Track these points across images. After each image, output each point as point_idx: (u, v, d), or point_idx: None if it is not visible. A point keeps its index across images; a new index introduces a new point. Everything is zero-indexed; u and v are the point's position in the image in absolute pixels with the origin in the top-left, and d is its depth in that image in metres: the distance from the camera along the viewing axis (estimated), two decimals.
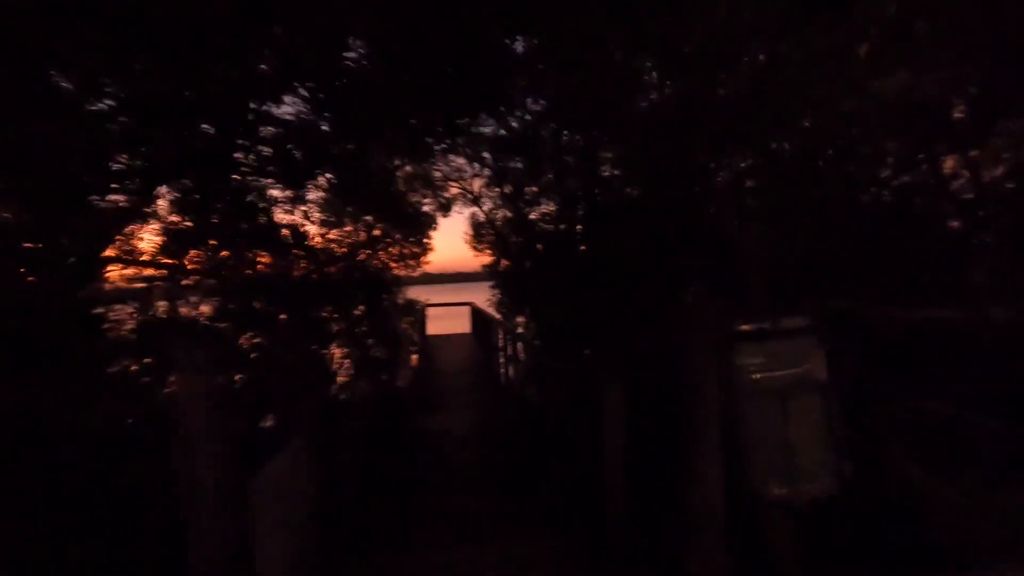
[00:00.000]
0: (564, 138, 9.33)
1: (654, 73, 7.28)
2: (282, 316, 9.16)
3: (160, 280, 9.49)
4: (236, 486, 2.08)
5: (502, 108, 9.61)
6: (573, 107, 8.91)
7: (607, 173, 8.19)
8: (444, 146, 10.31)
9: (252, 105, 7.34)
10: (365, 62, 7.87)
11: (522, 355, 6.26)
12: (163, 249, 9.61)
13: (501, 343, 6.87)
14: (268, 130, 8.05)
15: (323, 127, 7.95)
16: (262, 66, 6.45)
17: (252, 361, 7.76)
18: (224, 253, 9.82)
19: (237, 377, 7.81)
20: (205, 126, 7.55)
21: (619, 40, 6.02)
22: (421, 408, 5.71)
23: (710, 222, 4.49)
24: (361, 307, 9.00)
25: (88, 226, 6.72)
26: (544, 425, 4.07)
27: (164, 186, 9.02)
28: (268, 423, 5.77)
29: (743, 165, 5.60)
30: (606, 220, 6.14)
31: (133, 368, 7.92)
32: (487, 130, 10.13)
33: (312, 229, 9.20)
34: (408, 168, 10.13)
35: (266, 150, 7.94)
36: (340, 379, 8.17)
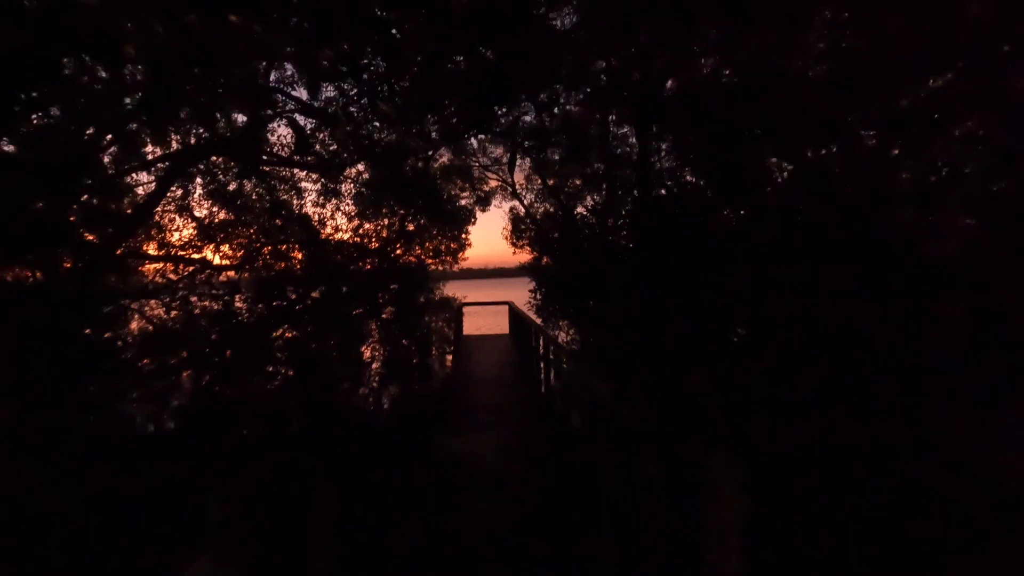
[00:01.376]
0: (613, 126, 8.49)
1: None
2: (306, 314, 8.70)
3: (190, 274, 9.23)
4: None
5: (543, 95, 8.86)
6: (623, 90, 8.05)
7: (661, 164, 7.32)
8: (482, 136, 9.63)
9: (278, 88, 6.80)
10: (398, 45, 7.25)
11: (565, 363, 5.50)
12: (193, 241, 9.34)
13: (541, 350, 6.13)
14: (297, 117, 7.50)
15: (355, 113, 7.36)
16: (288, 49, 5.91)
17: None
18: (257, 245, 9.49)
19: None
20: (235, 112, 7.16)
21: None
22: (449, 423, 4.97)
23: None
24: (391, 306, 8.44)
25: (110, 207, 6.41)
26: (596, 474, 3.16)
27: (194, 173, 8.74)
28: None
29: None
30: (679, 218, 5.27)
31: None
32: (528, 118, 9.39)
33: (344, 223, 8.70)
34: (445, 159, 9.50)
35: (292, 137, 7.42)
36: (362, 389, 7.67)
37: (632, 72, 7.29)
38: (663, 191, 7.27)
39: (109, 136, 6.68)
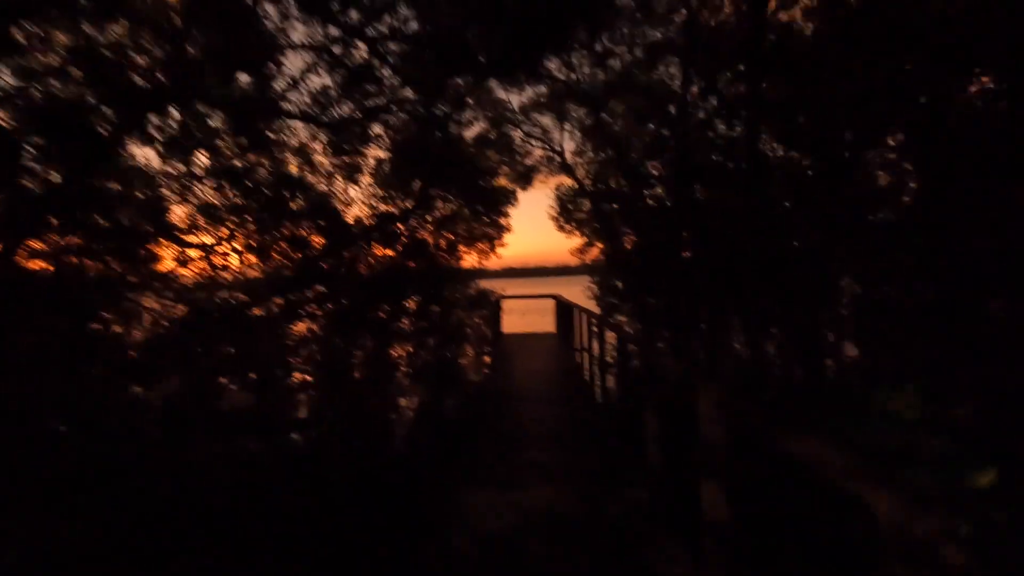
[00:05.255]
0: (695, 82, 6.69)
1: None
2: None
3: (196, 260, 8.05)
4: None
5: (600, 41, 7.12)
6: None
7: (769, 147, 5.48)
8: (525, 97, 7.99)
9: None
10: None
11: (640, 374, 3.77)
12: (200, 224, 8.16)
13: (610, 355, 4.46)
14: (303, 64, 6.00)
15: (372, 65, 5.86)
16: None
17: None
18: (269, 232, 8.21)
19: None
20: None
21: None
22: (481, 461, 3.29)
23: None
24: (417, 299, 6.92)
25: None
26: None
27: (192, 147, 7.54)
28: None
29: None
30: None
31: None
32: (579, 75, 7.67)
33: (361, 199, 7.23)
34: (479, 127, 7.90)
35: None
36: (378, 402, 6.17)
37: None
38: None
39: None
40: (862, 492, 0.92)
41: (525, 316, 15.49)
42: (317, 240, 8.00)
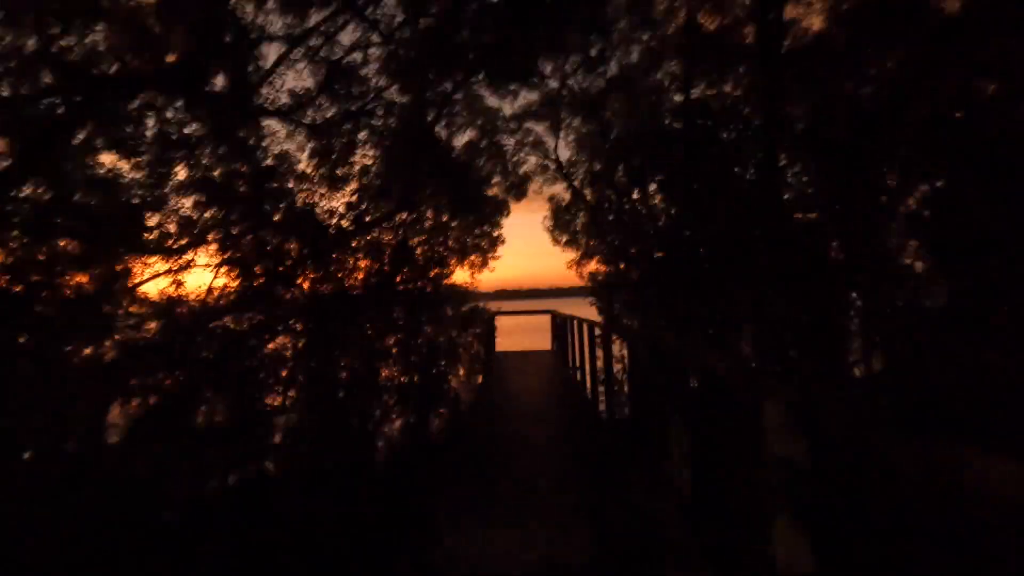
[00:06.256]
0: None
1: None
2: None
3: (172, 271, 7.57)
4: None
5: (596, 42, 6.83)
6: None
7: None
8: (517, 104, 7.68)
9: None
10: None
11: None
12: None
13: (616, 367, 3.95)
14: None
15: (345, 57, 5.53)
16: None
17: None
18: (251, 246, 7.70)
19: None
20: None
21: None
22: (469, 496, 2.71)
23: None
24: (405, 315, 6.44)
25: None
26: None
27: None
28: None
29: None
30: None
31: None
32: (575, 82, 7.37)
33: (345, 210, 6.75)
34: (470, 135, 7.52)
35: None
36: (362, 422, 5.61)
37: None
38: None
39: None
40: None
41: (519, 335, 14.97)
42: (299, 251, 7.51)
